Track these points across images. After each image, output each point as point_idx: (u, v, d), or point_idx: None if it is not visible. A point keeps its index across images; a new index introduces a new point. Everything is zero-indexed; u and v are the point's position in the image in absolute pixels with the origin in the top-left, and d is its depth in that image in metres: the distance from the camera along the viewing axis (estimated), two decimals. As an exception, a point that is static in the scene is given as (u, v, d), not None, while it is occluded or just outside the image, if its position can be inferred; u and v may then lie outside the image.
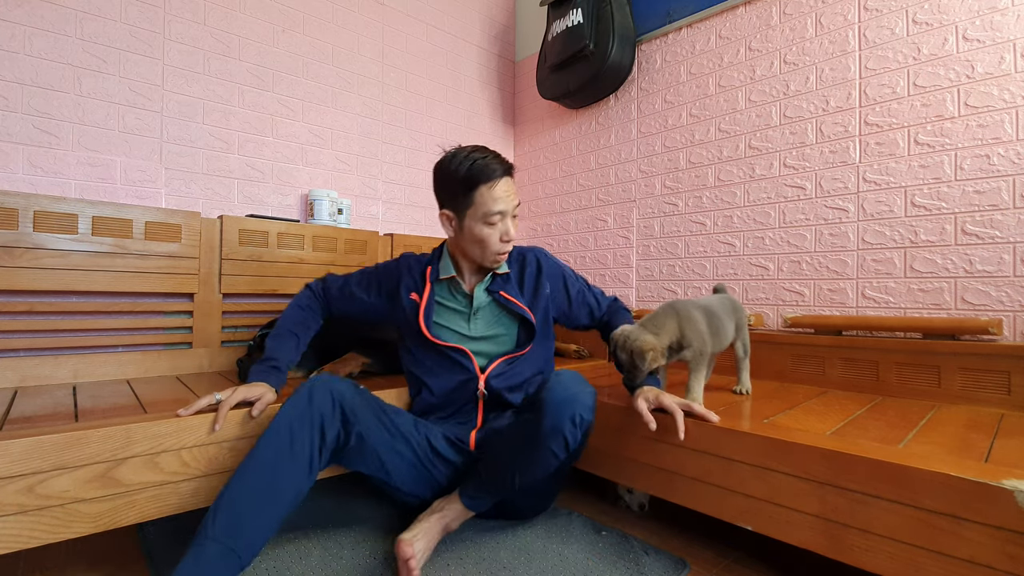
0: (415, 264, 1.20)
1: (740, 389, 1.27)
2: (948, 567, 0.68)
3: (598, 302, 1.24)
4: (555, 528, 1.10)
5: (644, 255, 1.98)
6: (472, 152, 1.07)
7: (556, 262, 1.23)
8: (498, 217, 1.05)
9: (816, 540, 0.81)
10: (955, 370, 1.22)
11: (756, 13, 1.67)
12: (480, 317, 1.15)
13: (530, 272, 1.17)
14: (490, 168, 1.04)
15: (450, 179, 1.07)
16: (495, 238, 1.07)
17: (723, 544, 1.06)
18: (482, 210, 1.04)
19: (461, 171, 1.04)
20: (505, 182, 1.06)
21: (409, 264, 1.20)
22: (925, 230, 1.33)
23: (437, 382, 1.13)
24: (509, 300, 1.13)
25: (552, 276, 1.19)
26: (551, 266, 1.20)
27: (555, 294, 1.19)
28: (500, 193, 1.05)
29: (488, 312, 1.15)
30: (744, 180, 1.69)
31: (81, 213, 1.35)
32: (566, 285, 1.21)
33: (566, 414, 0.91)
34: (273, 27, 1.84)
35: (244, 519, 0.80)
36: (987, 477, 0.66)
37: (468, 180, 1.04)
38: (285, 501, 0.85)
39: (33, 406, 1.06)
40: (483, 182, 1.04)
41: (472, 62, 2.47)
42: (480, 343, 1.14)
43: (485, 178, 1.04)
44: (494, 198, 1.04)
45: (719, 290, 1.29)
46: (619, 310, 1.24)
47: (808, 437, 0.86)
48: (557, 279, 1.20)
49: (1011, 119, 1.22)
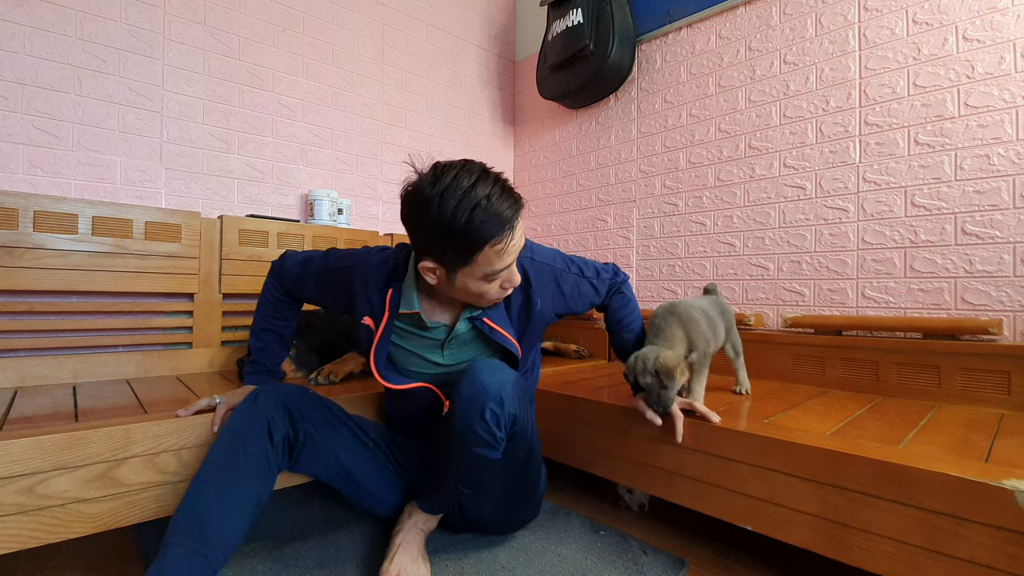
0: (372, 276, 0.95)
1: (740, 389, 1.27)
2: (948, 567, 0.68)
3: (597, 290, 1.08)
4: (554, 528, 1.10)
5: (644, 255, 1.98)
6: (470, 188, 0.75)
7: (544, 262, 1.00)
8: (504, 272, 0.83)
9: (816, 540, 0.81)
10: (955, 370, 1.22)
11: (756, 13, 1.67)
12: (455, 345, 0.96)
13: (517, 289, 0.95)
14: (501, 218, 0.76)
15: (441, 230, 0.76)
16: (495, 290, 0.86)
17: (723, 544, 1.06)
18: (484, 270, 0.80)
19: (458, 222, 0.75)
20: (515, 230, 0.80)
21: (365, 275, 0.95)
22: (925, 230, 1.33)
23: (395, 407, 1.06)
24: (494, 330, 0.93)
25: (542, 284, 0.97)
26: (541, 271, 0.98)
27: (547, 303, 1.00)
28: (508, 246, 0.79)
29: (466, 339, 0.96)
30: (744, 180, 1.69)
31: (81, 213, 1.35)
32: (559, 286, 1.01)
33: (474, 412, 0.82)
34: (273, 27, 1.84)
35: (208, 522, 0.75)
36: (987, 477, 0.66)
37: (470, 238, 0.76)
38: (247, 505, 0.81)
39: (33, 406, 1.06)
40: (491, 240, 0.77)
41: (472, 62, 2.47)
42: (452, 369, 0.97)
43: (495, 235, 0.76)
44: (502, 255, 0.79)
45: (710, 291, 1.29)
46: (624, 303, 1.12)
47: (808, 437, 0.86)
48: (547, 285, 0.99)
49: (1011, 119, 1.22)
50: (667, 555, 1.00)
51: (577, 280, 1.05)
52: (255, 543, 1.02)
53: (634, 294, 1.14)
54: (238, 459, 0.82)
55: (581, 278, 1.06)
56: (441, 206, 0.75)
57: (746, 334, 1.55)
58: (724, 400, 1.19)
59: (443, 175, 0.77)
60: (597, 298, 1.09)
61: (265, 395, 0.90)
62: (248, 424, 0.86)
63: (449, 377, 0.96)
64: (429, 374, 0.98)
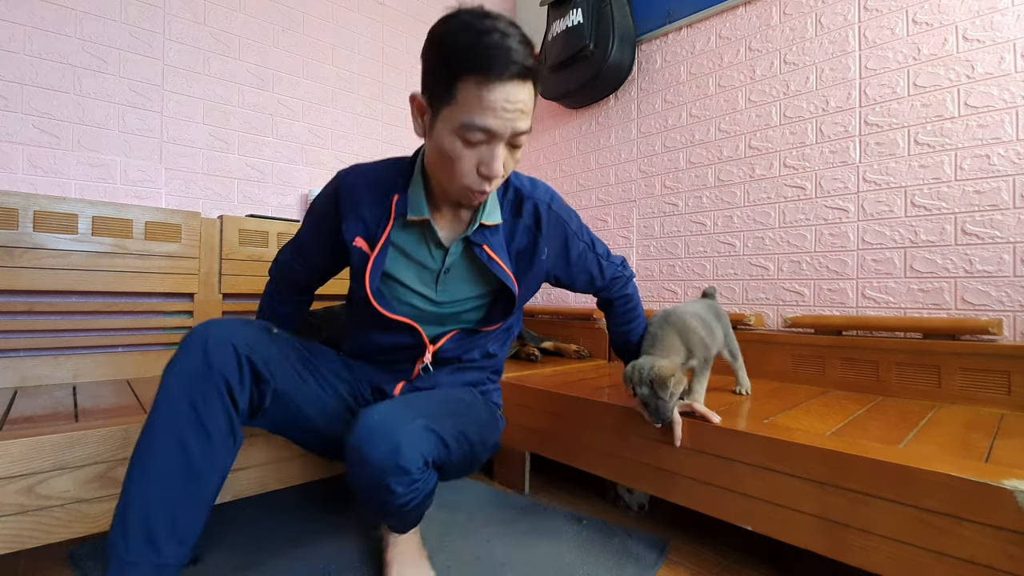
0: (366, 187, 0.84)
1: (740, 389, 1.27)
2: (948, 567, 0.68)
3: (601, 270, 1.02)
4: (551, 526, 1.11)
5: (644, 255, 1.98)
6: (487, 19, 0.67)
7: (561, 215, 0.93)
8: (482, 135, 0.69)
9: (816, 540, 0.81)
10: (955, 370, 1.22)
11: (756, 13, 1.67)
12: (451, 277, 0.87)
13: (525, 226, 0.88)
14: (506, 51, 0.65)
15: (438, 42, 0.69)
16: (468, 166, 0.72)
17: (723, 544, 1.06)
18: (462, 116, 0.68)
19: (459, 38, 0.66)
20: (515, 86, 0.67)
21: (355, 188, 0.84)
22: (925, 230, 1.33)
23: (372, 340, 0.91)
24: (493, 260, 0.84)
25: (552, 236, 0.91)
26: (555, 223, 0.91)
27: (551, 258, 0.93)
28: (499, 100, 0.66)
29: (461, 270, 0.88)
30: (744, 180, 1.69)
31: (81, 213, 1.35)
32: (566, 246, 0.95)
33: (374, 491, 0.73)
34: (273, 27, 1.84)
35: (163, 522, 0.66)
36: (987, 477, 0.66)
37: (457, 59, 0.66)
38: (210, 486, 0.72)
39: (33, 406, 1.06)
40: (477, 71, 0.65)
41: (472, 62, 2.46)
42: (443, 307, 0.89)
43: (484, 66, 0.65)
44: (485, 104, 0.67)
45: (708, 294, 1.28)
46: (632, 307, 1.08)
47: (808, 437, 0.86)
48: (557, 240, 0.93)
49: (1011, 119, 1.22)
50: (651, 537, 1.06)
51: (586, 250, 0.98)
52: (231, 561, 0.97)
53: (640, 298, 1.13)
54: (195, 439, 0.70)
55: (591, 251, 1.00)
56: (453, 20, 0.68)
57: (746, 334, 1.55)
58: (724, 400, 1.19)
59: (471, 8, 0.69)
60: (599, 279, 1.03)
61: (218, 347, 0.73)
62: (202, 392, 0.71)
63: (437, 318, 0.89)
64: (415, 314, 0.88)
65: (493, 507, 1.22)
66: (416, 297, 0.88)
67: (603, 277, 1.03)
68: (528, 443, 1.32)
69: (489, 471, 1.47)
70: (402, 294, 0.87)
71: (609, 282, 1.05)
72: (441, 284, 0.88)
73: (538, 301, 2.40)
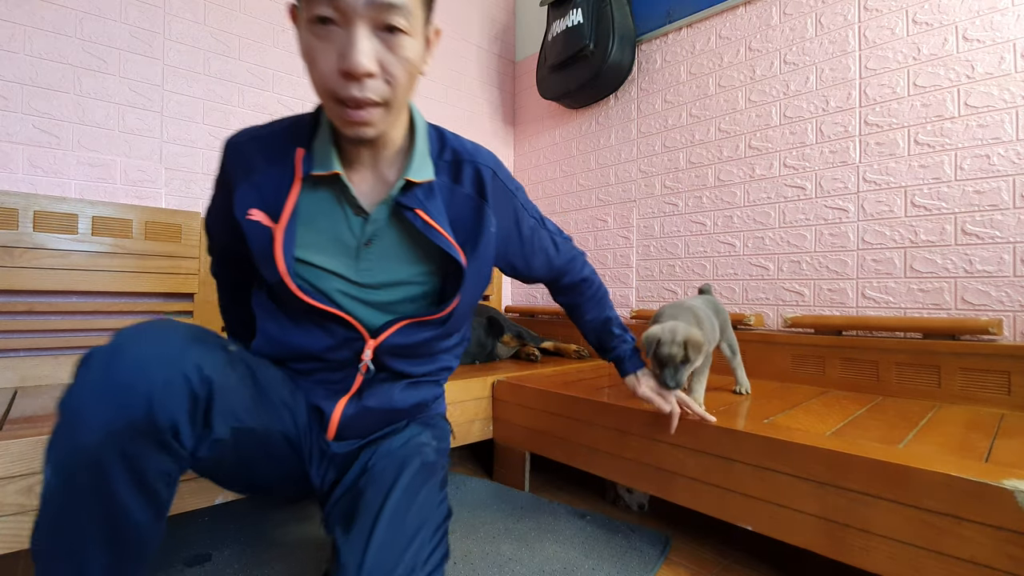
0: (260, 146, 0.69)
1: (740, 389, 1.27)
2: (948, 567, 0.68)
3: (555, 246, 0.90)
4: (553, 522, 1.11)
5: (644, 255, 1.98)
6: None
7: (507, 186, 0.79)
8: (329, 10, 0.55)
9: (816, 540, 0.81)
10: (955, 370, 1.22)
11: (756, 13, 1.67)
12: (376, 248, 0.70)
13: (466, 195, 0.73)
14: None
15: None
16: (327, 65, 0.57)
17: (723, 544, 1.06)
18: (313, 9, 0.56)
19: None
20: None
21: (242, 148, 0.70)
22: (925, 230, 1.33)
23: (292, 344, 0.73)
24: (430, 225, 0.68)
25: (500, 208, 0.77)
26: (501, 193, 0.77)
27: (502, 233, 0.79)
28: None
29: (389, 243, 0.71)
30: (744, 180, 1.69)
31: (81, 213, 1.35)
32: (517, 221, 0.81)
33: None
34: (273, 27, 1.84)
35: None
36: (987, 477, 0.66)
37: None
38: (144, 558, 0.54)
39: (33, 406, 1.06)
40: None
41: (472, 62, 2.47)
42: (373, 294, 0.72)
43: None
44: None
45: (704, 291, 1.29)
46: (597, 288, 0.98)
47: (808, 437, 0.86)
48: (506, 213, 0.79)
49: (1011, 119, 1.22)
50: (653, 533, 1.07)
51: (537, 226, 0.86)
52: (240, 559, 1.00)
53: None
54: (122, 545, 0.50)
55: (542, 227, 0.87)
56: None
57: (746, 334, 1.55)
58: (724, 400, 1.19)
59: None
60: (557, 259, 0.91)
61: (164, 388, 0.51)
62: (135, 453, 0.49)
63: (364, 306, 0.71)
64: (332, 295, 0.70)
65: (496, 504, 1.22)
66: (336, 280, 0.70)
67: (559, 254, 0.91)
68: (528, 443, 1.32)
69: (489, 471, 1.47)
70: (316, 278, 0.69)
71: (568, 262, 0.94)
72: (364, 260, 0.70)
73: (538, 301, 2.40)
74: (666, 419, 0.96)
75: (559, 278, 0.96)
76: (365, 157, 0.69)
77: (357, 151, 0.68)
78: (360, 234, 0.70)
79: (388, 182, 0.70)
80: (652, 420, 1.03)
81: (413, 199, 0.68)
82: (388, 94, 0.60)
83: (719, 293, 1.73)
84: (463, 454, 1.66)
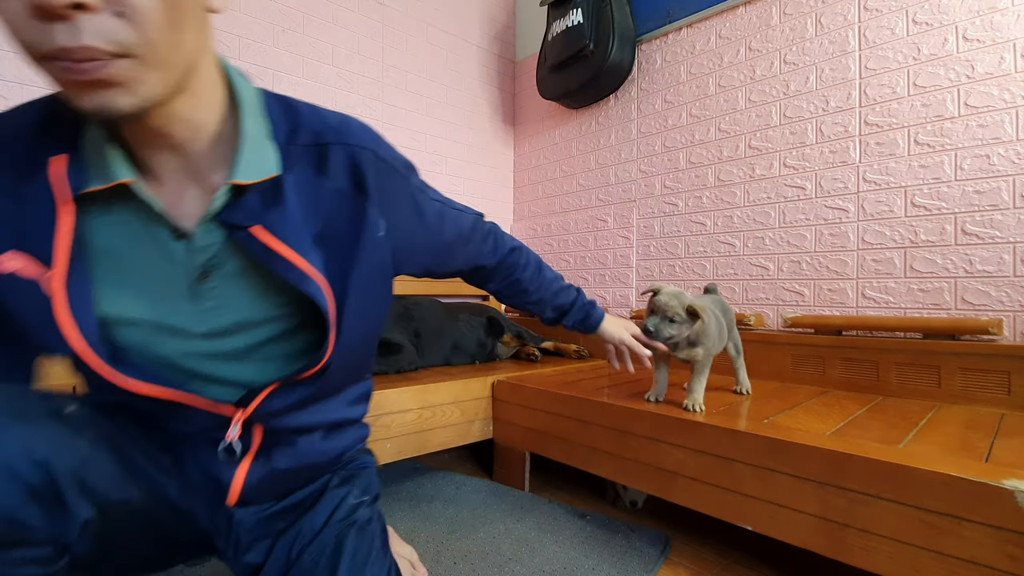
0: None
1: (740, 389, 1.27)
2: (948, 567, 0.68)
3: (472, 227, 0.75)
4: (551, 522, 1.11)
5: (644, 255, 1.98)
6: None
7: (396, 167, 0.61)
8: None
9: (816, 540, 0.81)
10: (955, 370, 1.22)
11: (756, 13, 1.67)
12: (219, 282, 0.51)
13: (336, 190, 0.53)
14: None
15: None
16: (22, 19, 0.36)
17: (723, 544, 1.06)
18: None
19: None
20: None
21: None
22: (925, 230, 1.33)
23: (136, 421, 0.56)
24: (269, 250, 0.49)
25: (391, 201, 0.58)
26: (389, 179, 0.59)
27: (400, 233, 0.60)
28: None
29: (236, 267, 0.51)
30: (744, 180, 1.69)
31: (81, 213, 1.35)
32: (419, 211, 0.64)
33: None
34: (273, 27, 1.84)
35: None
36: (987, 477, 0.66)
37: None
38: None
39: (33, 406, 1.06)
40: None
41: (472, 62, 2.47)
42: (224, 342, 0.52)
43: None
44: None
45: (710, 290, 1.29)
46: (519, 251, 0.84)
47: (808, 437, 0.86)
48: (400, 205, 0.60)
49: (1011, 119, 1.22)
50: (653, 532, 1.07)
51: (443, 210, 0.69)
52: None
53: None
54: None
55: (447, 208, 0.70)
56: None
57: (746, 334, 1.55)
58: (724, 400, 1.19)
59: None
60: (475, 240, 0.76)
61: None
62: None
63: (218, 362, 0.53)
64: (175, 361, 0.51)
65: (496, 504, 1.22)
66: (171, 339, 0.50)
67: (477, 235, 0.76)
68: (528, 443, 1.32)
69: (489, 471, 1.47)
70: (141, 341, 0.50)
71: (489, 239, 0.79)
72: (204, 300, 0.50)
73: (538, 301, 2.39)
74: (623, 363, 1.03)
75: (486, 262, 0.80)
76: (167, 155, 0.47)
77: (153, 147, 0.47)
78: (188, 265, 0.49)
79: (214, 186, 0.49)
80: (652, 420, 1.03)
81: (244, 212, 0.48)
82: (131, 38, 0.38)
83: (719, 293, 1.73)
84: (463, 454, 1.66)
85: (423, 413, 1.26)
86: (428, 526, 1.10)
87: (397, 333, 1.55)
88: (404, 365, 1.48)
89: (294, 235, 0.50)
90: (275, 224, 0.49)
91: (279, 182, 0.50)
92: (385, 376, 1.40)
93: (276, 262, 0.49)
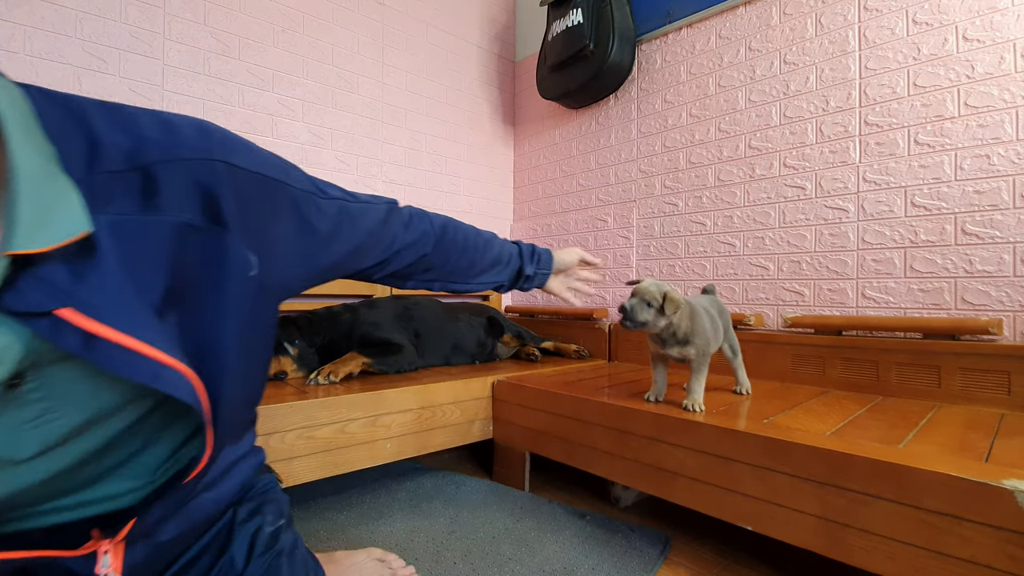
0: None
1: (740, 389, 1.27)
2: (948, 567, 0.68)
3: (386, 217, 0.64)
4: (550, 522, 1.11)
5: (644, 255, 1.98)
6: None
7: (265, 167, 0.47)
8: None
9: (816, 540, 0.81)
10: (955, 370, 1.22)
11: (756, 13, 1.67)
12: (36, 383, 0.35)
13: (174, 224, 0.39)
14: None
15: None
16: None
17: (723, 544, 1.06)
18: None
19: None
20: None
21: None
22: (925, 230, 1.33)
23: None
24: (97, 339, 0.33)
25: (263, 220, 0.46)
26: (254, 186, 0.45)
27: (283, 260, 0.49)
28: None
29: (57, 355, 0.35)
30: (744, 180, 1.69)
31: (81, 213, 1.35)
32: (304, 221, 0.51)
33: None
34: (273, 27, 1.84)
35: None
36: (987, 477, 0.66)
37: None
38: None
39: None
40: None
41: (472, 62, 2.47)
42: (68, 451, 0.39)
43: None
44: None
45: (708, 291, 1.29)
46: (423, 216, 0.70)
47: (808, 437, 0.86)
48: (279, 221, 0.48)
49: (1011, 119, 1.22)
50: (653, 532, 1.08)
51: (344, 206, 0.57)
52: None
53: None
54: None
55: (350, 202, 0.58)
56: None
57: (746, 334, 1.55)
58: (724, 400, 1.19)
59: None
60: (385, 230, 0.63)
61: None
62: None
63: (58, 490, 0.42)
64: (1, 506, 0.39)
65: (496, 504, 1.23)
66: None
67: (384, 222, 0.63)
68: (528, 443, 1.32)
69: (489, 471, 1.47)
70: None
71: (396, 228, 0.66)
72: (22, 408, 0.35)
73: (538, 301, 2.40)
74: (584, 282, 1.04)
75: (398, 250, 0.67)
76: None
77: None
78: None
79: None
80: (652, 420, 1.03)
81: (41, 290, 0.32)
82: None
83: (719, 293, 1.73)
84: (463, 454, 1.66)
85: (423, 413, 1.27)
86: (428, 526, 1.10)
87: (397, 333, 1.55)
88: (404, 365, 1.48)
89: (125, 309, 0.35)
90: (92, 299, 0.33)
91: (91, 241, 0.34)
92: (385, 376, 1.40)
93: (107, 354, 0.33)
